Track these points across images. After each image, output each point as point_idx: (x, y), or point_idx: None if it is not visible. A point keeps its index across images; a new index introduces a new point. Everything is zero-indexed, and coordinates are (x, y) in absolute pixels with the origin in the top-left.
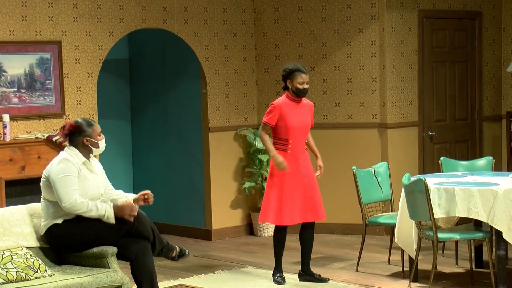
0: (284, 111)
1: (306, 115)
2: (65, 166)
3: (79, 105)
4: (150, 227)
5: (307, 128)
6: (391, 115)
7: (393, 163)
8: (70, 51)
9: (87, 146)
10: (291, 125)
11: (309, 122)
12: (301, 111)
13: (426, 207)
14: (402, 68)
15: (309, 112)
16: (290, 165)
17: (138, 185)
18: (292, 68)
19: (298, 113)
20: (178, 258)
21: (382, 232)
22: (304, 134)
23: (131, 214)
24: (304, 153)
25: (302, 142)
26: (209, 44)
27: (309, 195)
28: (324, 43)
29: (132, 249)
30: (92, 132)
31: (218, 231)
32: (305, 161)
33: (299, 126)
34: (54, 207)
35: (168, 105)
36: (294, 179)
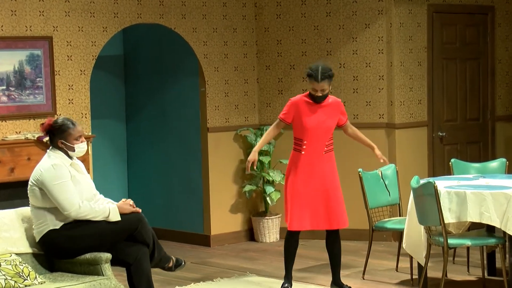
0: (301, 109)
1: (329, 115)
2: (57, 172)
3: (71, 104)
4: (151, 234)
5: (327, 130)
6: (399, 114)
7: (401, 165)
8: (62, 47)
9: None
10: (306, 125)
11: (330, 124)
12: (322, 111)
13: (436, 211)
14: (410, 66)
15: (334, 112)
16: (304, 168)
17: (133, 188)
18: (308, 72)
19: (317, 113)
20: (174, 268)
21: (389, 238)
22: (323, 136)
23: (133, 206)
24: (322, 156)
25: (320, 144)
26: (208, 40)
27: (327, 200)
28: (328, 39)
29: (131, 252)
30: (67, 136)
31: (217, 237)
32: (324, 164)
33: (316, 127)
34: (49, 213)
35: (164, 104)
36: (306, 183)
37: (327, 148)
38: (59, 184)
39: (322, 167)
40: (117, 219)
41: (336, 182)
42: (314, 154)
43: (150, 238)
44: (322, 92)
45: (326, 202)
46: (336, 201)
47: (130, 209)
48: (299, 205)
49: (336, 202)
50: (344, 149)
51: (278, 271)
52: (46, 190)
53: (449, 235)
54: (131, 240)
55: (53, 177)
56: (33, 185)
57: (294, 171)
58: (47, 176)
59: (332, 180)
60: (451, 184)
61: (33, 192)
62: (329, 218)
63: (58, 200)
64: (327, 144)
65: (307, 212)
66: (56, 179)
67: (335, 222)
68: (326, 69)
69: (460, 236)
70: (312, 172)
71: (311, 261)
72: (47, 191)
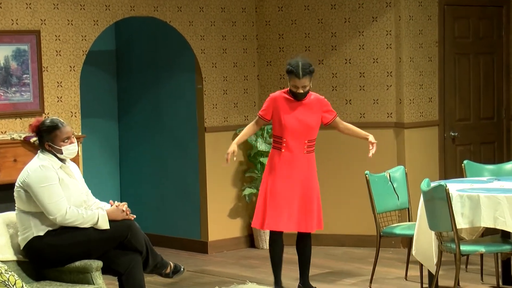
0: (280, 106)
1: (310, 114)
2: (44, 173)
3: (60, 102)
4: (143, 240)
5: (308, 128)
6: (408, 113)
7: (410, 167)
8: (50, 42)
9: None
10: (285, 123)
11: (311, 123)
12: (303, 108)
13: (447, 216)
14: (420, 61)
15: (315, 110)
16: (283, 167)
17: (126, 191)
18: (288, 68)
19: (297, 111)
20: (172, 275)
21: (398, 245)
22: (303, 135)
23: (126, 213)
24: (303, 156)
25: (300, 143)
26: (205, 34)
27: (303, 202)
28: (333, 33)
29: (122, 261)
30: (54, 138)
31: (215, 243)
32: (303, 165)
33: (295, 125)
34: (34, 218)
35: (159, 102)
36: (285, 182)
37: (308, 148)
38: (45, 187)
39: (302, 167)
40: (106, 227)
41: (315, 184)
42: (294, 153)
43: (142, 245)
44: (303, 88)
45: (306, 204)
46: (315, 204)
47: (122, 216)
48: (276, 205)
49: (314, 205)
50: (349, 150)
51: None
52: (32, 193)
53: (462, 242)
54: (122, 248)
55: (40, 179)
56: (19, 187)
57: (273, 170)
58: (34, 178)
59: (311, 182)
60: (464, 187)
61: (19, 195)
62: (307, 221)
63: (43, 204)
64: (308, 144)
65: (283, 212)
66: (43, 181)
67: (314, 225)
68: (306, 65)
69: (473, 243)
70: (291, 172)
71: (315, 269)
72: (32, 194)
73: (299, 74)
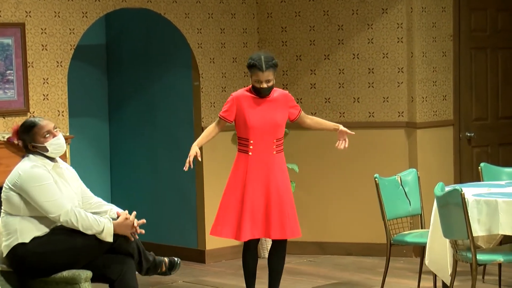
0: (244, 105)
1: (276, 110)
2: (38, 173)
3: (46, 100)
4: (135, 243)
5: (274, 126)
6: (421, 112)
7: (423, 170)
8: (36, 36)
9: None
10: (250, 123)
11: (278, 120)
12: (268, 106)
13: (463, 223)
14: (434, 56)
15: (282, 106)
16: (252, 170)
17: (117, 196)
18: (250, 62)
19: (262, 109)
20: (169, 271)
21: (410, 253)
22: (271, 134)
23: (136, 229)
24: (273, 157)
25: (269, 143)
26: (202, 28)
27: (278, 206)
28: (340, 26)
29: (114, 267)
30: (34, 136)
31: (213, 252)
32: (274, 166)
33: (262, 124)
34: (21, 222)
35: (153, 100)
36: (256, 186)
37: (277, 148)
38: (40, 186)
39: (273, 169)
40: (109, 240)
41: (288, 185)
42: (263, 155)
43: (134, 248)
44: (267, 83)
45: (279, 208)
46: (289, 207)
47: (129, 233)
48: (250, 211)
49: (289, 208)
50: (357, 152)
51: None
52: (26, 195)
53: (478, 250)
54: (113, 252)
55: (33, 178)
56: (9, 190)
57: (241, 175)
58: (26, 178)
59: (284, 184)
60: (481, 191)
61: (8, 197)
62: (282, 226)
63: (40, 203)
64: (277, 144)
65: (258, 219)
66: (37, 181)
67: (289, 231)
68: (269, 58)
69: (491, 251)
70: (262, 175)
71: (321, 280)
72: (26, 195)
73: (262, 67)
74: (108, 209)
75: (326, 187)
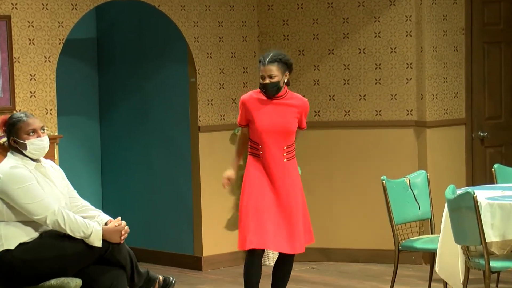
0: (252, 107)
1: (286, 115)
2: (19, 173)
3: (34, 97)
4: (128, 253)
5: (284, 132)
6: (431, 110)
7: (433, 172)
8: (22, 29)
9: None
10: (259, 126)
11: (288, 125)
12: (279, 109)
13: (475, 228)
14: (445, 51)
15: (296, 111)
16: (262, 175)
17: (108, 200)
18: (259, 59)
19: (273, 112)
20: None
21: (419, 260)
22: (281, 140)
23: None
24: (283, 165)
25: (278, 150)
26: (199, 20)
27: (288, 219)
28: (345, 19)
29: (104, 279)
30: (17, 131)
31: (210, 259)
32: (285, 175)
33: (271, 128)
34: (4, 228)
35: (146, 98)
36: (265, 194)
37: (288, 155)
38: (22, 188)
39: (284, 179)
40: (97, 244)
41: (300, 195)
42: (273, 162)
43: (126, 259)
44: (270, 78)
45: (289, 221)
46: (299, 219)
47: (118, 240)
48: (258, 218)
49: (299, 221)
50: (363, 153)
51: None
52: (8, 198)
53: (492, 257)
54: (104, 264)
55: (15, 180)
56: None
57: (252, 178)
58: (7, 181)
59: (295, 194)
60: (494, 194)
61: None
62: (292, 240)
63: (23, 205)
64: (288, 151)
65: (268, 228)
66: (18, 182)
67: (298, 246)
68: (278, 53)
69: (505, 258)
70: (272, 184)
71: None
72: (8, 198)
73: (264, 60)
74: (95, 215)
75: (330, 190)
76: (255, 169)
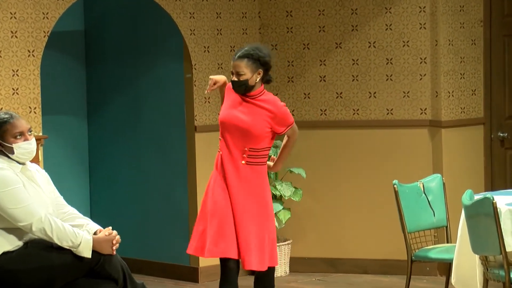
0: (227, 95)
1: (256, 116)
2: (4, 175)
3: (16, 94)
4: (120, 265)
5: (247, 133)
6: (446, 109)
7: (449, 175)
8: (4, 21)
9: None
10: (222, 117)
11: (253, 128)
12: (249, 107)
13: (495, 236)
14: (461, 45)
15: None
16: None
17: (97, 206)
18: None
19: (240, 106)
20: None
21: (434, 271)
22: (243, 140)
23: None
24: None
25: (238, 149)
26: (195, 12)
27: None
28: (354, 10)
29: None
30: (3, 134)
31: (207, 270)
32: (239, 177)
33: (229, 121)
34: None
35: (138, 95)
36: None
37: (249, 159)
38: (7, 191)
39: (238, 183)
40: (86, 255)
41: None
42: (228, 161)
43: (118, 272)
44: (238, 76)
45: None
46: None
47: (109, 251)
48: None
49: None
50: (373, 155)
51: None
52: None
53: None
54: (94, 276)
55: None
56: None
57: (213, 177)
58: None
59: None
60: None
61: None
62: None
63: (8, 210)
64: (250, 154)
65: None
66: (3, 185)
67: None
68: (252, 48)
69: None
70: (227, 182)
71: None
72: None
73: (235, 55)
74: (84, 223)
75: (338, 195)
76: (217, 164)
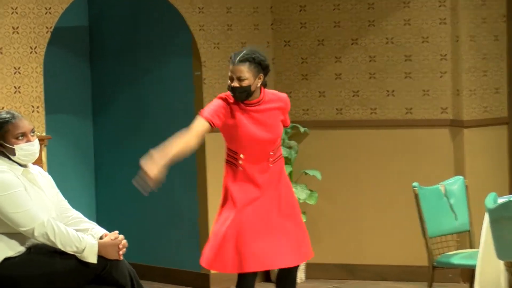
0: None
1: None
2: (5, 178)
3: (18, 93)
4: (127, 271)
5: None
6: (468, 108)
7: (472, 177)
8: (5, 16)
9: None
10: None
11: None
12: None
13: None
14: (484, 41)
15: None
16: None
17: (103, 210)
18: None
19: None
20: None
21: (457, 278)
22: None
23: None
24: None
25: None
26: (204, 6)
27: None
28: (370, 4)
29: None
30: (5, 134)
31: (219, 277)
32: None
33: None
34: None
35: (145, 94)
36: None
37: (274, 158)
38: (9, 195)
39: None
40: (92, 260)
41: (293, 199)
42: (255, 168)
43: (126, 278)
44: (239, 81)
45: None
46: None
47: (115, 256)
48: (252, 237)
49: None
50: (392, 156)
51: None
52: None
53: None
54: (100, 283)
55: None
56: None
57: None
58: None
59: (289, 196)
60: None
61: None
62: (297, 249)
63: (9, 215)
64: (273, 154)
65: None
66: (4, 189)
67: (304, 254)
68: (252, 51)
69: None
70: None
71: None
72: None
73: (234, 59)
74: (89, 228)
75: (355, 198)
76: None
